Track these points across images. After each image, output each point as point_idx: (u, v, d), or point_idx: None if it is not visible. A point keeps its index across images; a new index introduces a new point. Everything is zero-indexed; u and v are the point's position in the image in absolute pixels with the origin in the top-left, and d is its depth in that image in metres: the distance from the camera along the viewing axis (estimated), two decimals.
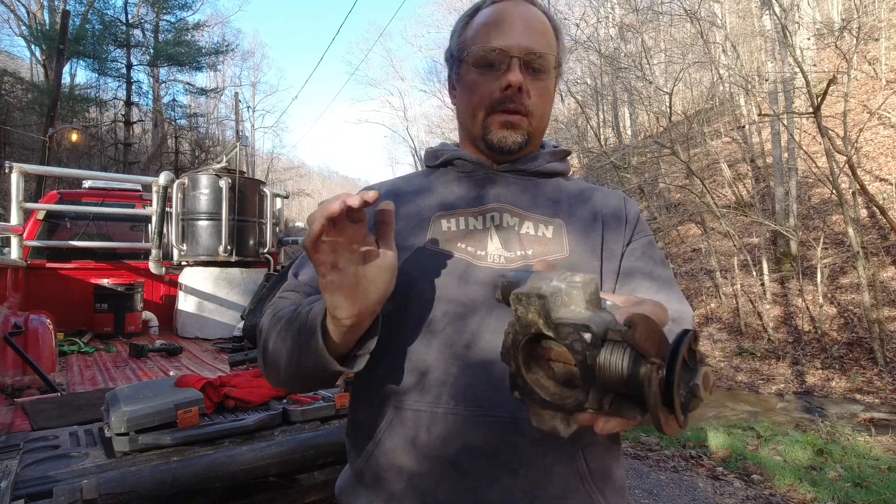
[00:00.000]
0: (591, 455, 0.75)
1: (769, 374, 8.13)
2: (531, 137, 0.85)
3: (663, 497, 3.43)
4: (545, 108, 0.86)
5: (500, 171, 0.87)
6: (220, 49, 23.22)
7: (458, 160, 0.89)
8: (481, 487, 0.69)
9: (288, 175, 36.31)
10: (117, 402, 1.66)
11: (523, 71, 0.81)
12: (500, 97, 0.81)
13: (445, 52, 0.93)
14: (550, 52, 0.84)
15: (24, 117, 18.30)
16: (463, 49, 0.86)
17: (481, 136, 0.85)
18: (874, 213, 9.51)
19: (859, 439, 4.51)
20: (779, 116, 9.52)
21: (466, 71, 0.85)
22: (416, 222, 0.82)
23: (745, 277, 10.18)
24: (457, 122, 0.93)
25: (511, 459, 0.70)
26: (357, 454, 0.79)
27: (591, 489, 0.73)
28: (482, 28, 0.84)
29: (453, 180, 0.88)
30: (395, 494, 0.73)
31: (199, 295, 4.27)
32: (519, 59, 0.80)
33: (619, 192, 0.98)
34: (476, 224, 0.81)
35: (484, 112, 0.83)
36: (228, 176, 4.39)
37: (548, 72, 0.84)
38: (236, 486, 1.56)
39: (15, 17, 19.98)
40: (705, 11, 11.41)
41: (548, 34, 0.85)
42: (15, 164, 4.07)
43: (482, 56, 0.82)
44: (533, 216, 0.82)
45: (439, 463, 0.71)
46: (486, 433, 0.70)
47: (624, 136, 18.11)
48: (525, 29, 0.82)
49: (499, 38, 0.81)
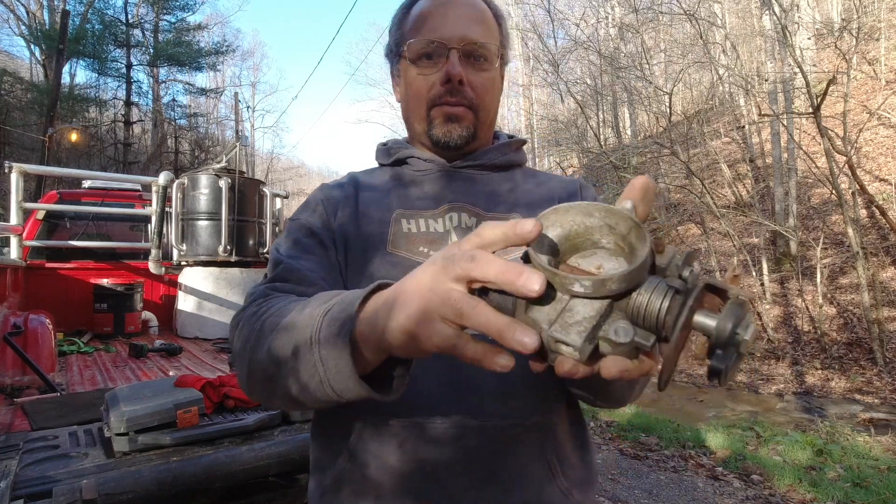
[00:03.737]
0: (560, 450, 0.75)
1: (769, 374, 8.13)
2: (477, 130, 0.83)
3: (663, 497, 3.43)
4: (490, 99, 0.83)
5: (455, 168, 0.85)
6: (220, 49, 23.22)
7: (410, 159, 0.86)
8: (457, 497, 0.69)
9: (288, 175, 36.28)
10: (117, 402, 1.66)
11: (463, 62, 0.78)
12: (440, 91, 0.79)
13: (385, 48, 0.89)
14: (492, 41, 0.81)
15: (24, 117, 18.29)
16: (401, 43, 0.83)
17: (426, 132, 0.82)
18: (874, 213, 9.52)
19: (859, 439, 4.51)
20: (778, 116, 9.52)
21: (406, 66, 0.83)
22: (378, 220, 0.80)
23: (744, 277, 10.17)
24: (402, 119, 0.90)
25: (485, 467, 0.70)
26: (324, 470, 0.76)
27: (563, 485, 0.74)
28: (418, 19, 0.81)
29: (409, 179, 0.86)
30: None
31: (198, 295, 4.27)
32: (458, 49, 0.78)
33: (579, 178, 0.96)
34: (436, 226, 0.79)
35: (425, 107, 0.81)
36: (228, 176, 4.39)
37: (490, 61, 0.81)
38: (236, 486, 1.56)
39: (15, 16, 19.99)
40: (705, 11, 11.41)
41: (488, 22, 0.82)
42: (15, 164, 4.07)
43: (420, 49, 0.80)
44: (490, 214, 0.81)
45: (413, 476, 0.69)
46: (459, 444, 0.69)
47: (624, 136, 18.11)
48: (463, 18, 0.79)
49: (436, 30, 0.78)
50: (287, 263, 0.74)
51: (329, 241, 0.80)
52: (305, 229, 0.81)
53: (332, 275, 0.77)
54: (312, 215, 0.83)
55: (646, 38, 14.09)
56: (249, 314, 0.65)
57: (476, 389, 0.71)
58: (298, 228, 0.82)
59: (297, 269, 0.73)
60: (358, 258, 0.78)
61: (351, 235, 0.80)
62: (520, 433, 0.72)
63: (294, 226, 0.83)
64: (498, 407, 0.71)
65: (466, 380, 0.71)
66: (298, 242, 0.79)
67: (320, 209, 0.83)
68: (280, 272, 0.73)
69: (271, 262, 0.78)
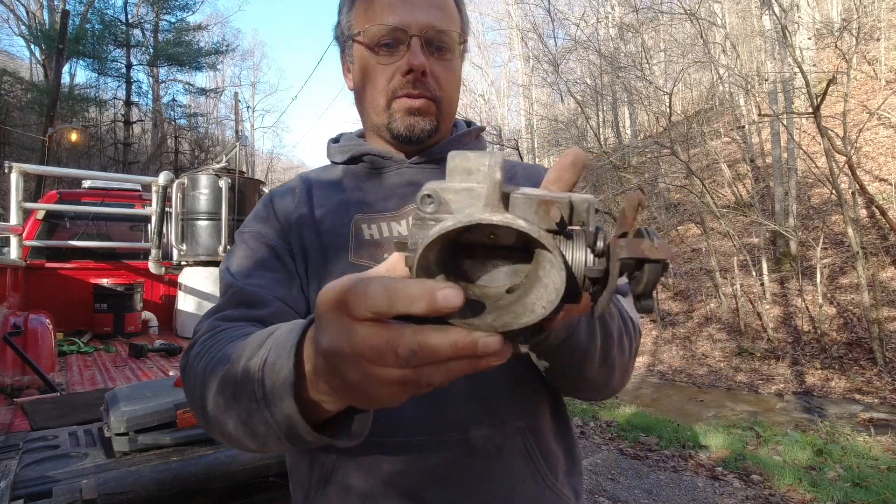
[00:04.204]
0: (549, 452, 0.72)
1: (769, 374, 8.13)
2: (440, 123, 0.78)
3: (663, 497, 3.43)
4: (452, 89, 0.78)
5: (414, 164, 0.79)
6: (220, 49, 23.23)
7: (366, 156, 0.80)
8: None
9: (288, 175, 36.27)
10: (117, 402, 1.66)
11: (425, 51, 0.73)
12: (401, 81, 0.73)
13: (334, 29, 0.82)
14: (454, 28, 0.76)
15: (24, 117, 18.30)
16: (354, 26, 0.77)
17: (386, 126, 0.77)
18: (874, 213, 9.52)
19: (859, 439, 4.51)
20: (778, 116, 9.52)
21: (361, 52, 0.76)
22: (337, 226, 0.75)
23: (744, 277, 10.18)
24: (356, 108, 0.83)
25: (466, 481, 0.67)
26: (303, 491, 0.72)
27: (552, 483, 0.71)
28: (375, 2, 0.74)
29: (365, 178, 0.80)
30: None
31: (198, 295, 4.27)
32: (420, 37, 0.72)
33: (542, 165, 0.91)
34: (399, 229, 0.75)
35: (385, 99, 0.75)
36: (228, 176, 4.39)
37: (452, 50, 0.76)
38: (236, 486, 1.57)
39: (14, 16, 19.99)
40: (705, 11, 11.41)
41: (448, 7, 0.76)
42: (14, 164, 4.07)
43: (378, 35, 0.73)
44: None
45: (394, 494, 0.66)
46: (439, 458, 0.67)
47: (624, 136, 18.11)
48: (423, 3, 0.73)
49: (395, 15, 0.72)
50: (237, 286, 0.69)
51: (285, 252, 0.74)
52: (258, 241, 0.75)
53: (292, 289, 0.72)
54: (264, 225, 0.77)
55: (646, 37, 14.09)
56: (193, 356, 0.60)
57: (450, 397, 0.68)
58: (250, 240, 0.76)
59: (248, 290, 0.68)
60: (320, 269, 0.73)
61: (309, 244, 0.74)
62: (503, 440, 0.69)
63: (245, 238, 0.77)
64: (477, 414, 0.68)
65: (446, 394, 0.68)
66: (251, 257, 0.74)
67: (272, 218, 0.78)
68: (230, 298, 0.69)
69: (221, 286, 0.73)
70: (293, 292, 0.72)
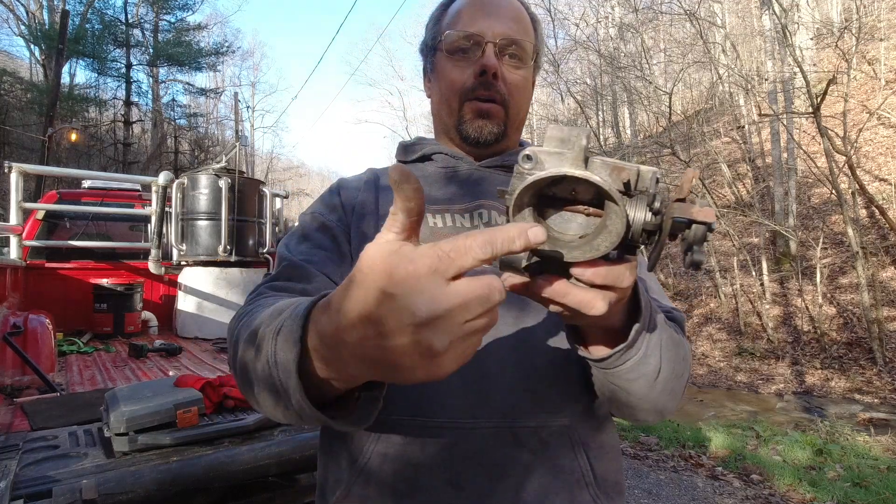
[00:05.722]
0: (595, 460, 0.70)
1: (769, 373, 8.14)
2: (507, 129, 0.81)
3: (663, 497, 3.44)
4: (521, 98, 0.82)
5: (483, 167, 0.83)
6: (220, 49, 23.20)
7: (437, 154, 0.85)
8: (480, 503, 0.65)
9: (287, 175, 36.29)
10: (116, 402, 1.66)
11: (499, 57, 0.78)
12: (473, 83, 0.78)
13: (420, 44, 0.89)
14: (528, 40, 0.81)
15: (24, 117, 18.29)
16: (437, 37, 0.83)
17: (455, 126, 0.81)
18: (874, 213, 9.52)
19: (858, 439, 4.51)
20: (778, 116, 9.52)
21: (440, 58, 0.82)
22: None
23: (744, 277, 10.18)
24: (431, 115, 0.89)
25: (510, 472, 0.65)
26: (338, 476, 0.71)
27: (597, 494, 0.69)
28: (456, 15, 0.81)
29: (433, 175, 0.83)
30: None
31: (198, 295, 4.27)
32: (494, 44, 0.77)
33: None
34: (464, 222, 0.77)
35: (458, 100, 0.80)
36: (228, 176, 4.39)
37: (525, 60, 0.81)
38: (236, 486, 1.57)
39: (14, 16, 19.97)
40: (705, 11, 11.41)
41: (524, 22, 0.82)
42: (14, 164, 4.07)
43: (456, 41, 0.79)
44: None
45: (434, 480, 0.65)
46: (483, 445, 0.65)
47: (624, 136, 18.11)
48: (501, 15, 0.79)
49: (473, 24, 0.78)
50: (288, 259, 0.73)
51: (341, 234, 0.77)
52: (317, 221, 0.79)
53: (342, 267, 0.74)
54: (327, 208, 0.81)
55: (646, 37, 14.09)
56: (238, 317, 0.64)
57: (496, 384, 0.67)
58: (311, 220, 0.80)
59: (297, 264, 0.72)
60: None
61: (367, 230, 0.76)
62: (548, 435, 0.68)
63: (306, 217, 0.81)
64: (523, 403, 0.67)
65: (496, 380, 0.67)
66: (307, 234, 0.77)
67: (336, 202, 0.81)
68: (281, 270, 0.73)
69: (277, 258, 0.77)
70: (342, 269, 0.74)
